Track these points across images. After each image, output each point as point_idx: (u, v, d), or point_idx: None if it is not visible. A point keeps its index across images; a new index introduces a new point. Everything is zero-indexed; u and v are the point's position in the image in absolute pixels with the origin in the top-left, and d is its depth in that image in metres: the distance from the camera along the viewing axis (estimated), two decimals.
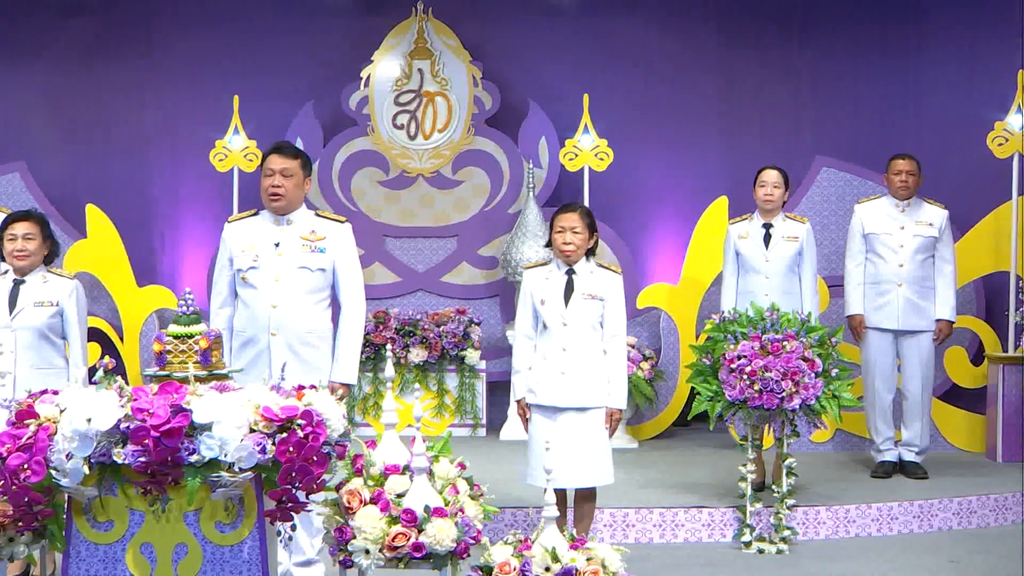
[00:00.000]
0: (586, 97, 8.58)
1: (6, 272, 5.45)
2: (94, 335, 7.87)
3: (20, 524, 3.63)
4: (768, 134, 9.18)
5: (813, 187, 8.49)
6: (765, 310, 6.18)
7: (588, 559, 3.76)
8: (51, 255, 5.52)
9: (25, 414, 3.43)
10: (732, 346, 6.03)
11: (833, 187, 8.50)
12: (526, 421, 5.54)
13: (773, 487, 6.27)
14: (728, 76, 9.35)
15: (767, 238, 6.94)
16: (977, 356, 8.15)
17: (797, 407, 5.90)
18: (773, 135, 9.16)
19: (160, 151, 9.54)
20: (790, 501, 6.18)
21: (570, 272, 5.45)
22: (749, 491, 6.17)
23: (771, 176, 6.94)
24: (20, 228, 5.39)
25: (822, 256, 7.74)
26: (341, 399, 3.95)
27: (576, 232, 5.40)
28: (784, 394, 5.86)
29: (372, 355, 8.50)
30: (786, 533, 6.09)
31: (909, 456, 7.25)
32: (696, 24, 9.36)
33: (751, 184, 7.06)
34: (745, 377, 5.90)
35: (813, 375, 5.90)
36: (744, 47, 9.30)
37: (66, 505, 3.56)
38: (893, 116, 9.05)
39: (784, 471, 6.16)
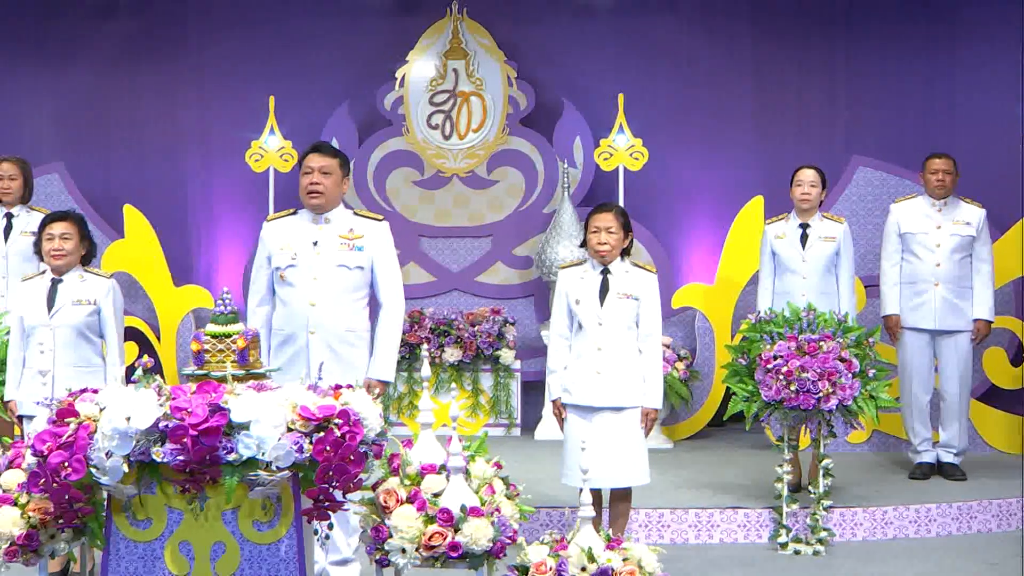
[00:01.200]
0: (621, 96, 8.55)
1: (44, 272, 5.50)
2: (131, 334, 7.92)
3: (61, 521, 3.67)
4: (804, 133, 9.13)
5: (849, 186, 8.43)
6: (802, 310, 6.16)
7: (624, 559, 3.74)
8: (88, 255, 5.55)
9: (65, 412, 3.45)
10: (768, 346, 6.01)
11: (869, 186, 8.44)
12: (561, 421, 5.53)
13: (809, 488, 6.23)
14: (764, 75, 9.30)
15: (804, 238, 6.89)
16: (1016, 357, 8.07)
17: (834, 408, 5.87)
18: (809, 134, 9.11)
19: (196, 152, 9.60)
20: (827, 502, 6.14)
21: (605, 272, 5.44)
22: (785, 492, 6.15)
23: (807, 175, 6.90)
24: (58, 228, 5.43)
25: (858, 256, 7.68)
26: (377, 397, 3.95)
27: (611, 232, 5.40)
28: (821, 394, 5.82)
29: (407, 355, 8.51)
30: (823, 534, 6.06)
31: (947, 457, 7.19)
32: (732, 23, 9.32)
33: (787, 184, 7.02)
34: (781, 377, 5.87)
35: (850, 375, 5.87)
36: (780, 46, 9.26)
37: (106, 503, 3.58)
38: (930, 115, 8.98)
39: (821, 472, 6.12)
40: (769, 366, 5.93)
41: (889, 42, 9.10)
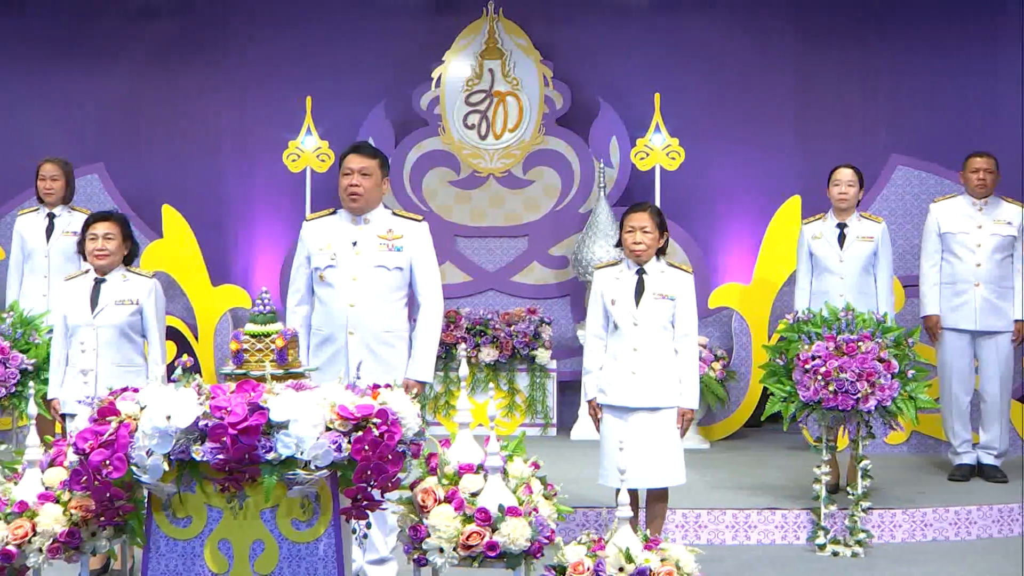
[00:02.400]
0: (657, 96, 8.53)
1: (87, 271, 5.54)
2: (169, 334, 7.95)
3: (102, 519, 3.70)
4: (842, 132, 9.08)
5: (888, 186, 8.37)
6: (840, 310, 6.13)
7: (662, 560, 3.73)
8: (131, 255, 5.59)
9: (107, 411, 3.48)
10: (806, 346, 5.98)
11: (908, 186, 8.38)
12: (597, 421, 5.53)
13: (848, 489, 6.19)
14: (802, 73, 9.26)
15: (841, 238, 6.86)
16: None
17: (872, 408, 5.83)
18: (847, 133, 9.06)
19: (234, 152, 9.66)
20: (865, 503, 6.11)
21: (640, 272, 5.43)
22: (823, 493, 6.11)
23: (845, 175, 6.86)
24: (101, 228, 5.46)
25: (897, 256, 7.63)
26: (415, 397, 3.96)
27: (646, 232, 5.38)
28: (859, 395, 5.79)
29: (443, 355, 8.52)
30: (861, 536, 6.02)
31: (988, 459, 7.13)
32: (769, 21, 9.29)
33: (824, 183, 6.99)
34: (820, 378, 5.84)
35: (889, 376, 5.83)
36: (818, 44, 9.21)
37: (146, 501, 3.61)
38: (970, 113, 8.91)
39: (859, 473, 6.08)
40: (807, 366, 5.90)
41: (929, 40, 9.04)
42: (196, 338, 8.64)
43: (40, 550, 3.73)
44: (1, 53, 9.61)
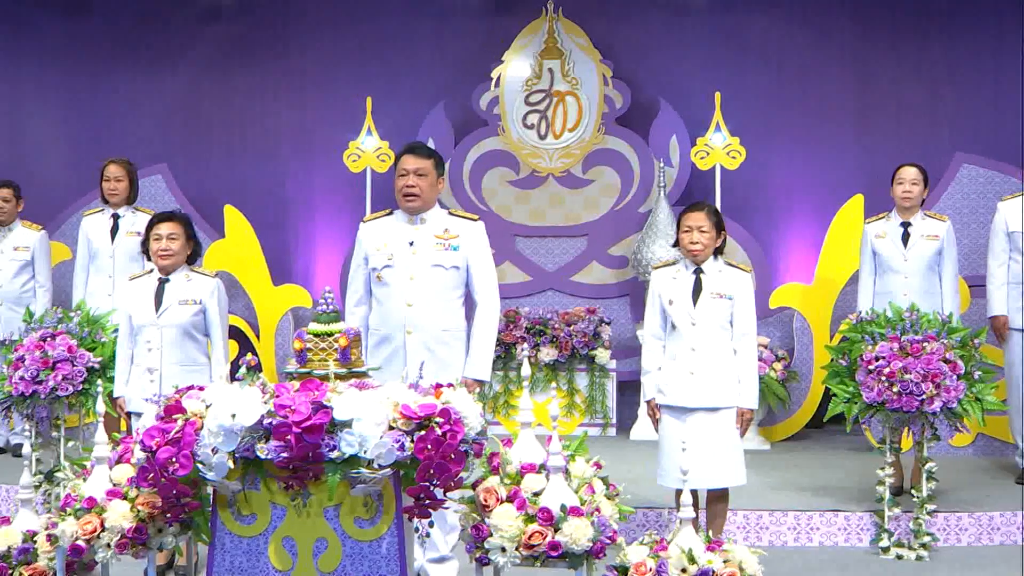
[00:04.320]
0: (718, 95, 8.49)
1: (151, 271, 5.60)
2: (231, 333, 8.00)
3: (168, 515, 3.75)
4: (905, 131, 8.98)
5: (952, 184, 8.26)
6: (904, 310, 6.05)
7: (725, 561, 3.70)
8: (194, 255, 5.63)
9: (173, 409, 3.52)
10: (870, 347, 5.91)
11: (973, 184, 8.26)
12: (656, 422, 5.50)
13: (912, 492, 6.11)
14: (863, 70, 9.16)
15: (905, 237, 6.78)
16: None
17: (938, 410, 5.75)
18: (910, 132, 8.95)
19: (295, 152, 9.74)
20: (930, 506, 6.03)
21: (698, 271, 5.40)
22: (887, 495, 6.04)
23: (910, 173, 6.78)
24: (165, 228, 5.51)
25: (962, 255, 7.53)
26: (473, 396, 3.96)
27: (703, 231, 5.36)
28: (924, 396, 5.71)
29: (502, 354, 8.53)
30: (926, 539, 5.94)
31: None
32: (831, 18, 9.20)
33: (887, 182, 6.91)
34: (883, 379, 5.77)
35: (955, 377, 5.75)
36: (880, 41, 9.11)
37: (211, 498, 3.65)
38: None
39: (924, 475, 6.01)
40: (871, 367, 5.84)
41: (992, 37, 8.91)
42: (257, 337, 8.71)
43: (108, 545, 3.78)
44: (69, 56, 9.76)
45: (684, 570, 3.67)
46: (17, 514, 4.14)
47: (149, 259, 5.61)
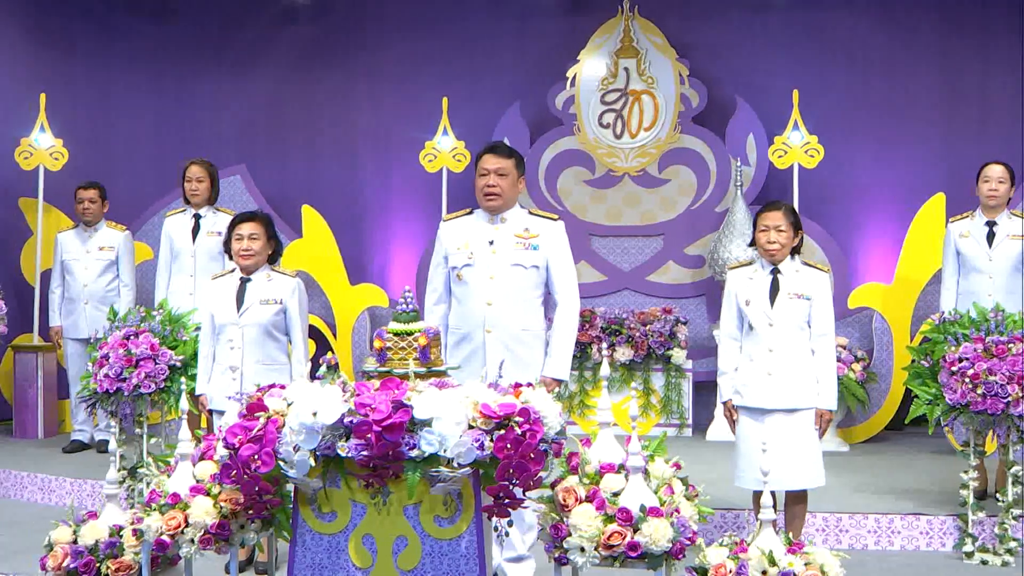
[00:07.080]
0: (796, 93, 8.41)
1: (233, 270, 5.67)
2: (310, 332, 8.11)
3: (250, 512, 3.79)
4: (989, 128, 8.83)
5: None
6: (988, 311, 5.94)
7: (806, 564, 3.66)
8: (275, 254, 5.69)
9: (255, 407, 3.56)
10: (953, 348, 5.81)
11: None
12: (733, 423, 5.46)
13: (997, 495, 6.00)
14: (949, 68, 9.03)
15: (990, 236, 6.66)
16: None
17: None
18: (995, 129, 8.80)
19: (372, 153, 9.82)
20: (1016, 511, 5.90)
21: (775, 271, 5.34)
22: (971, 499, 5.93)
23: (996, 171, 6.66)
24: (246, 228, 5.57)
25: None
26: (552, 395, 3.95)
27: (780, 231, 5.29)
28: (1010, 399, 5.61)
29: (578, 354, 8.52)
30: (1011, 544, 5.82)
31: None
32: (913, 14, 9.08)
33: (969, 181, 6.80)
34: (967, 380, 5.68)
35: None
36: (965, 38, 8.97)
37: (293, 495, 3.68)
38: None
39: (1009, 479, 5.89)
40: (954, 368, 5.75)
41: None
42: (335, 336, 8.79)
43: (192, 541, 3.83)
44: (155, 60, 9.93)
45: (764, 572, 3.64)
46: (103, 509, 4.21)
47: (231, 259, 5.68)
